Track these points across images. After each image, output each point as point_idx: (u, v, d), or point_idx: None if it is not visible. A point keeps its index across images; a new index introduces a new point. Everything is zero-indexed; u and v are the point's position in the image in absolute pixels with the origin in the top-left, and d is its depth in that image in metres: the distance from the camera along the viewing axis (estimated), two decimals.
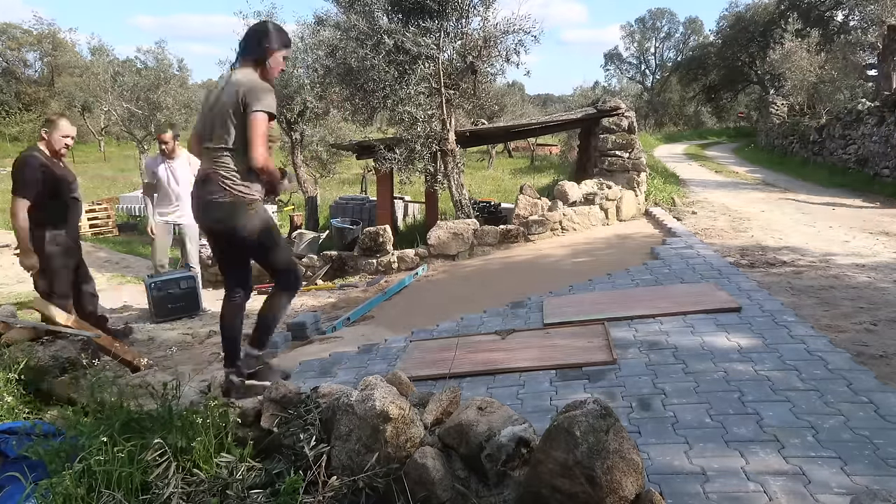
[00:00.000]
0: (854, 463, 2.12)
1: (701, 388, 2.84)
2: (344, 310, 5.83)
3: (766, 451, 2.24)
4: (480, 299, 5.26)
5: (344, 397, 2.07)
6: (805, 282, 4.63)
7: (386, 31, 7.65)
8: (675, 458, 2.26)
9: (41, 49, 41.39)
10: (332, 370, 3.99)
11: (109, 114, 22.37)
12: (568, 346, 3.64)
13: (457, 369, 3.49)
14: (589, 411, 1.64)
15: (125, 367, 3.96)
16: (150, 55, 18.36)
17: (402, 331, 4.71)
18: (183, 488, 1.89)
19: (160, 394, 2.22)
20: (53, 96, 36.69)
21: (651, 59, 56.95)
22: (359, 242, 7.76)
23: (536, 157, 27.63)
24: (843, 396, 2.62)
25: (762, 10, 33.88)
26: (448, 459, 1.90)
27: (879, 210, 8.61)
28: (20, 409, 2.88)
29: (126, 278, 9.31)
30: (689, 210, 8.77)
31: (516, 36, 7.98)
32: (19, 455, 2.20)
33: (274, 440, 2.26)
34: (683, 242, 6.36)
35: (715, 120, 43.47)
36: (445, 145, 8.23)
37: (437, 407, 2.10)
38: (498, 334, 4.08)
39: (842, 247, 5.98)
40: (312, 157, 14.97)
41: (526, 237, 7.52)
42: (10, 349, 3.33)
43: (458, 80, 8.28)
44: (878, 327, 3.52)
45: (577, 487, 1.58)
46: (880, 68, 16.47)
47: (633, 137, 9.00)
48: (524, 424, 1.86)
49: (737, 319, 3.74)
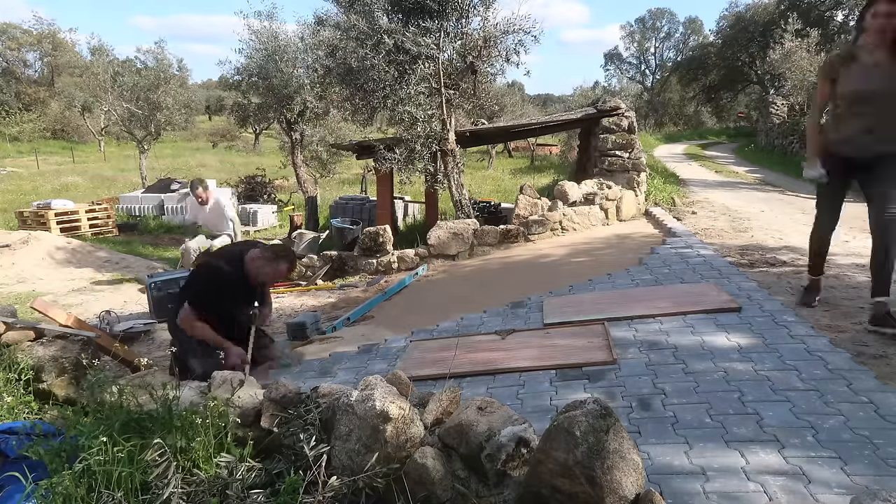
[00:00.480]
0: (854, 463, 2.12)
1: (701, 387, 2.84)
2: (344, 310, 5.84)
3: (766, 451, 2.24)
4: (480, 299, 5.26)
5: (344, 397, 2.07)
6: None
7: (386, 31, 7.64)
8: (675, 458, 2.26)
9: (41, 49, 41.43)
10: (332, 370, 3.99)
11: (109, 114, 22.36)
12: (568, 346, 3.64)
13: (457, 369, 3.49)
14: (589, 411, 1.64)
15: (125, 367, 3.96)
16: (150, 55, 18.35)
17: (402, 331, 4.71)
18: (183, 488, 1.89)
19: (160, 394, 2.22)
20: (53, 96, 36.69)
21: (651, 59, 56.99)
22: (359, 242, 7.76)
23: (536, 157, 27.63)
24: (843, 396, 2.61)
25: (762, 10, 33.90)
26: (448, 459, 1.90)
27: None
28: (20, 409, 2.88)
29: (126, 278, 9.32)
30: (689, 210, 8.77)
31: (516, 36, 7.98)
32: (19, 455, 2.20)
33: (274, 440, 2.26)
34: (683, 242, 6.36)
35: (715, 120, 43.51)
36: (445, 145, 8.23)
37: (437, 407, 2.10)
38: (498, 334, 4.08)
39: (842, 247, 5.98)
40: (312, 157, 14.95)
41: (526, 237, 7.52)
42: (10, 349, 3.33)
43: (458, 80, 8.28)
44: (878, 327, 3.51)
45: (577, 487, 1.58)
46: None
47: (633, 137, 9.00)
48: (524, 424, 1.86)
49: (737, 319, 3.74)
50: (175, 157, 30.17)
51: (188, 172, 22.17)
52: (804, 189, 11.38)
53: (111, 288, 8.59)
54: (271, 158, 23.91)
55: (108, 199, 16.54)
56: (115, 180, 22.97)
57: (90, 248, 11.32)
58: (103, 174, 25.05)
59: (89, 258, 10.67)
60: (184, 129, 26.07)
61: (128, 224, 14.55)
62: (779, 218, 8.11)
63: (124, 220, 15.01)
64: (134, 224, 14.63)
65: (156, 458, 1.89)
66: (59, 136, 38.27)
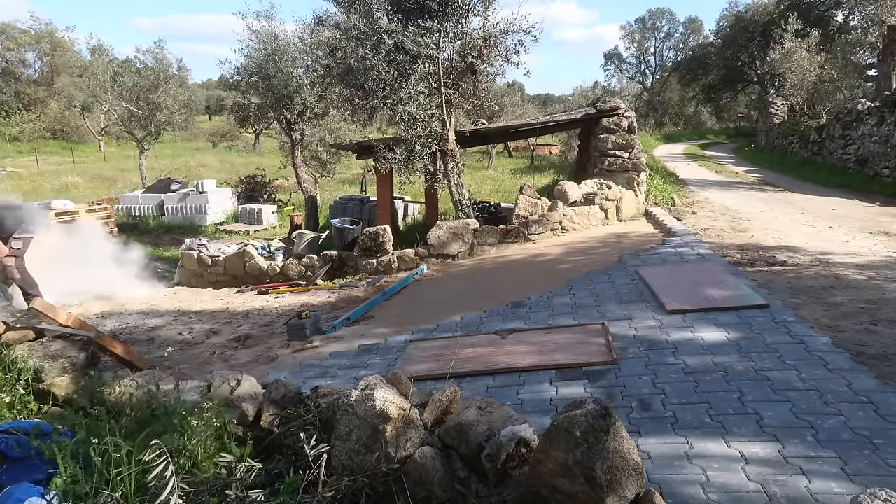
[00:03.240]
0: (854, 463, 2.12)
1: (701, 388, 2.84)
2: (344, 310, 5.83)
3: (766, 451, 2.24)
4: (480, 299, 5.26)
5: (344, 397, 2.07)
6: (805, 281, 4.63)
7: (386, 31, 7.64)
8: (675, 458, 2.26)
9: (40, 49, 41.40)
10: (332, 370, 3.99)
11: (109, 114, 22.34)
12: (568, 346, 3.64)
13: (457, 369, 3.49)
14: (589, 411, 1.64)
15: (125, 367, 3.95)
16: (150, 55, 18.34)
17: (402, 331, 4.71)
18: (182, 488, 1.89)
19: (158, 394, 2.22)
20: (53, 96, 36.68)
21: (651, 59, 56.92)
22: (359, 242, 7.76)
23: (536, 157, 27.61)
24: (843, 396, 2.61)
25: (762, 10, 33.87)
26: (448, 459, 1.90)
27: (879, 210, 8.60)
28: (20, 409, 2.88)
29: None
30: (689, 210, 8.77)
31: (516, 36, 7.98)
32: (19, 455, 2.20)
33: (274, 440, 2.26)
34: (683, 242, 6.36)
35: (715, 120, 43.48)
36: (445, 145, 8.23)
37: (437, 407, 2.10)
38: (498, 334, 4.08)
39: (841, 247, 5.98)
40: (312, 157, 14.95)
41: (526, 237, 7.52)
42: (10, 349, 3.33)
43: (458, 80, 8.27)
44: (878, 327, 3.51)
45: (577, 487, 1.57)
46: (880, 68, 16.46)
47: (633, 137, 9.00)
48: (524, 424, 1.86)
49: (737, 319, 3.74)
50: (175, 157, 30.16)
51: (188, 172, 22.18)
52: (804, 189, 11.38)
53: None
54: (271, 158, 23.90)
55: (108, 198, 16.54)
56: (115, 180, 22.96)
57: None
58: (103, 174, 25.03)
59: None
60: (184, 129, 26.05)
61: (128, 224, 14.56)
62: (779, 218, 8.11)
63: (124, 219, 15.01)
64: (134, 224, 14.64)
65: (154, 459, 1.89)
66: (59, 136, 38.27)
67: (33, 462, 2.14)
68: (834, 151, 13.83)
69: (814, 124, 15.90)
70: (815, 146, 15.27)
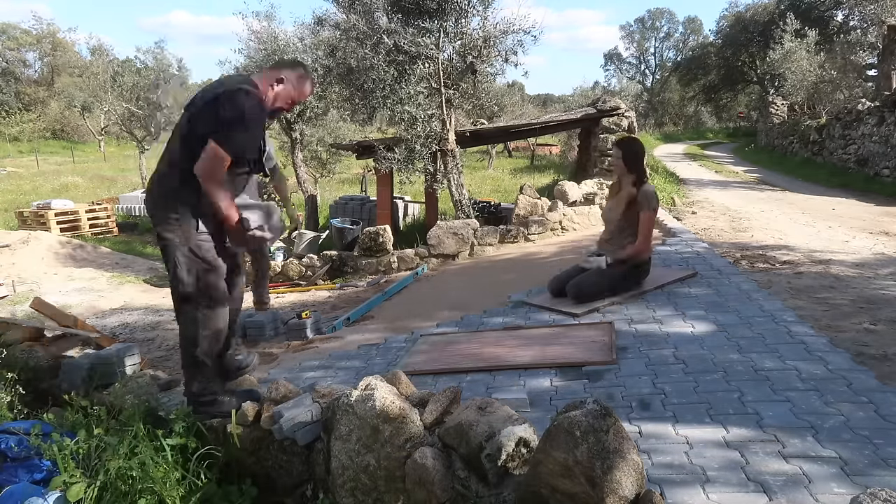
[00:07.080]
0: (854, 463, 2.12)
1: (701, 387, 2.84)
2: (344, 310, 5.83)
3: (766, 451, 2.24)
4: (480, 299, 5.26)
5: (344, 397, 2.07)
6: (805, 282, 4.63)
7: (385, 31, 7.65)
8: (676, 458, 2.26)
9: (40, 49, 41.41)
10: (332, 370, 3.99)
11: (109, 114, 22.34)
12: (568, 345, 3.64)
13: (457, 368, 3.49)
14: (589, 411, 1.64)
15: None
16: (150, 55, 18.34)
17: (402, 331, 4.71)
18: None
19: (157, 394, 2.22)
20: (53, 96, 36.69)
21: (651, 59, 56.95)
22: (359, 242, 7.76)
23: (536, 157, 27.60)
24: (843, 396, 2.61)
25: (762, 10, 33.90)
26: (448, 459, 1.90)
27: (879, 210, 8.60)
28: (20, 409, 2.88)
29: (126, 278, 9.32)
30: (689, 210, 8.77)
31: (516, 36, 7.99)
32: (19, 455, 2.20)
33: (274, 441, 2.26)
34: (683, 242, 6.36)
35: (715, 120, 43.50)
36: (445, 145, 8.23)
37: (437, 407, 2.10)
38: (499, 332, 4.08)
39: (842, 246, 5.98)
40: (312, 157, 14.94)
41: (526, 237, 7.52)
42: (10, 349, 3.33)
43: (458, 80, 8.28)
44: (878, 327, 3.51)
45: (577, 487, 1.57)
46: (880, 68, 16.45)
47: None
48: (524, 424, 1.86)
49: (736, 319, 3.74)
50: None
51: None
52: (804, 189, 11.38)
53: (112, 287, 8.59)
54: None
55: (108, 198, 16.55)
56: (115, 180, 22.96)
57: (90, 248, 11.33)
58: (103, 174, 25.04)
59: (89, 258, 10.68)
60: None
61: (128, 224, 14.58)
62: (779, 218, 8.11)
63: (124, 219, 15.02)
64: (134, 224, 14.65)
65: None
66: (59, 136, 38.29)
67: (33, 462, 2.14)
68: (834, 151, 13.83)
69: (814, 124, 15.90)
70: (815, 146, 15.27)
